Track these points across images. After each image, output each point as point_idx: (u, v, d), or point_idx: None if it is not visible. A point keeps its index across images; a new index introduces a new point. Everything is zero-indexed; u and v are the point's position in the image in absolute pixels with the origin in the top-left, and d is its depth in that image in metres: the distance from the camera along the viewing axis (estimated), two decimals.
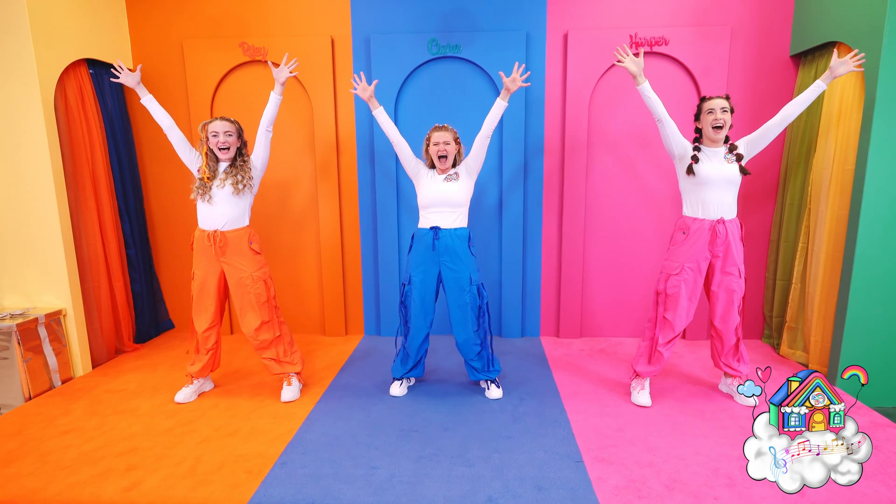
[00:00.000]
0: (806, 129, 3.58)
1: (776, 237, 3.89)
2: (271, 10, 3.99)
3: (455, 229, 3.04)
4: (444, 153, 3.01)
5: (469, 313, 3.07)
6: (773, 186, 3.91)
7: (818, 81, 2.78)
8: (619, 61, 2.95)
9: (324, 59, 3.96)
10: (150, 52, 4.10)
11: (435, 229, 3.03)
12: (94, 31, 3.72)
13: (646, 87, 2.95)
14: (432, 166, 3.13)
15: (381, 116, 3.12)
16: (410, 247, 3.14)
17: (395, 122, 4.03)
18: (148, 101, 3.06)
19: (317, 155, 4.10)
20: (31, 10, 3.22)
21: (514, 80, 3.00)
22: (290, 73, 3.07)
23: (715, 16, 3.79)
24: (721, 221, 2.89)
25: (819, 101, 3.46)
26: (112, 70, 3.12)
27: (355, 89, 3.14)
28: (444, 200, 3.01)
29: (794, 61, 3.79)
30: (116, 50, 3.94)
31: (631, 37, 3.78)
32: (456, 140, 3.08)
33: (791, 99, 3.71)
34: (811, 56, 3.61)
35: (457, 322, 3.11)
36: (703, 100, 2.95)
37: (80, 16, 3.61)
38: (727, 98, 2.89)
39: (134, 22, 4.07)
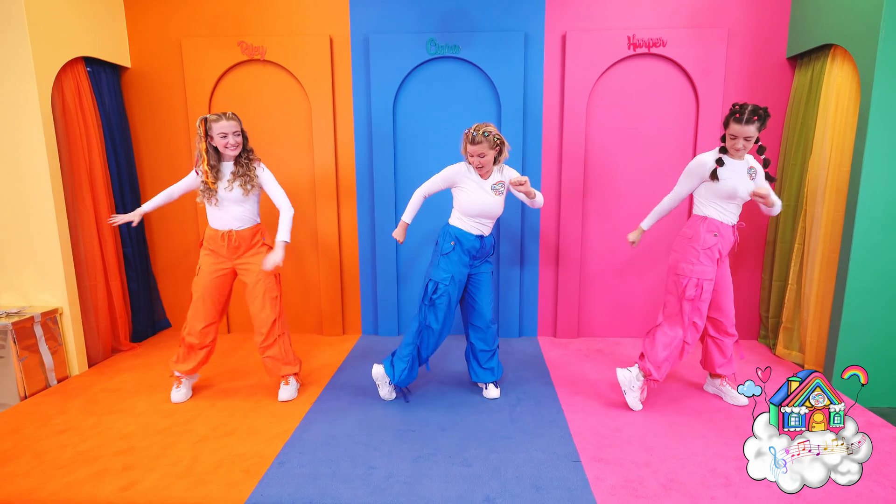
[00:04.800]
0: (802, 130, 3.60)
1: (772, 238, 3.91)
2: (270, 9, 3.99)
3: (492, 233, 3.12)
4: (481, 165, 2.91)
5: (493, 306, 3.23)
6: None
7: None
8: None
9: (322, 58, 3.96)
10: (148, 51, 4.08)
11: (482, 237, 3.04)
12: (91, 29, 3.71)
13: (649, 224, 3.18)
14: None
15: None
16: (452, 248, 2.99)
17: (394, 122, 4.03)
18: (148, 208, 3.17)
19: (315, 154, 4.09)
20: (28, 8, 3.20)
21: None
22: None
23: (712, 18, 3.80)
24: (736, 226, 2.92)
25: (815, 103, 3.48)
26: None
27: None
28: (493, 213, 3.01)
29: (790, 63, 3.81)
30: (114, 48, 3.93)
31: (629, 38, 3.79)
32: (493, 146, 2.86)
33: (787, 101, 3.77)
34: (807, 58, 3.63)
35: (486, 317, 3.14)
36: (733, 113, 2.70)
37: (77, 13, 3.59)
38: (761, 119, 2.65)
39: (132, 20, 4.05)
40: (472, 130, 2.86)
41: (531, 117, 4.01)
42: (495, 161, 2.95)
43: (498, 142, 2.88)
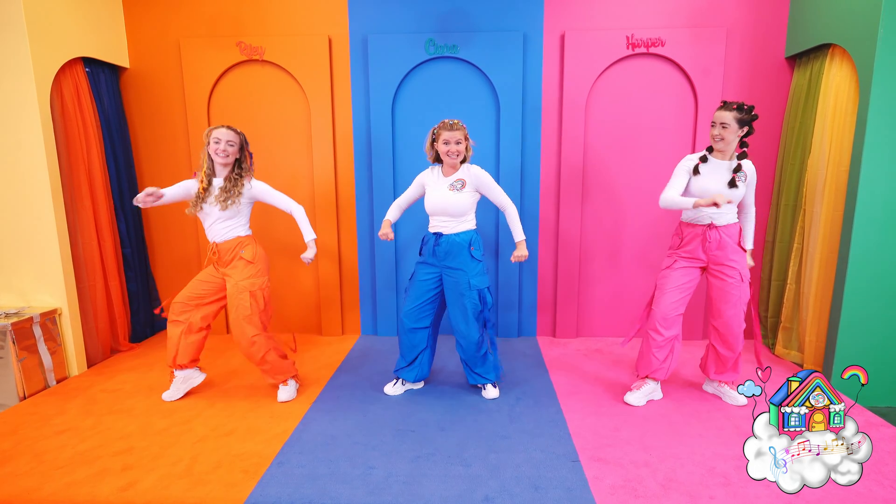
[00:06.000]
0: (801, 130, 3.60)
1: (771, 238, 3.91)
2: (268, 10, 3.99)
3: (457, 234, 2.99)
4: (454, 153, 2.94)
5: (470, 317, 3.02)
6: (769, 188, 3.93)
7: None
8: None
9: (321, 58, 3.96)
10: (147, 51, 4.08)
11: (437, 235, 3.02)
12: (90, 30, 3.71)
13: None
14: (436, 160, 3.07)
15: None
16: (421, 247, 3.15)
17: (392, 123, 4.03)
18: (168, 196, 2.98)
19: (314, 154, 4.09)
20: (27, 8, 3.20)
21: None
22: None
23: (711, 17, 3.81)
24: (712, 227, 2.90)
25: (814, 102, 3.48)
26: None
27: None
28: (445, 210, 2.97)
29: (789, 63, 3.81)
30: (113, 48, 3.93)
31: (627, 38, 3.80)
32: (466, 137, 2.97)
33: (786, 101, 3.77)
34: (806, 58, 3.63)
35: (456, 326, 3.09)
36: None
37: (76, 14, 3.59)
38: (740, 109, 2.76)
39: (130, 20, 4.05)
40: (445, 121, 2.94)
41: (530, 117, 4.01)
42: (463, 160, 3.02)
43: (467, 136, 3.00)
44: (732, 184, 2.84)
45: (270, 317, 3.14)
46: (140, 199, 2.79)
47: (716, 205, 2.59)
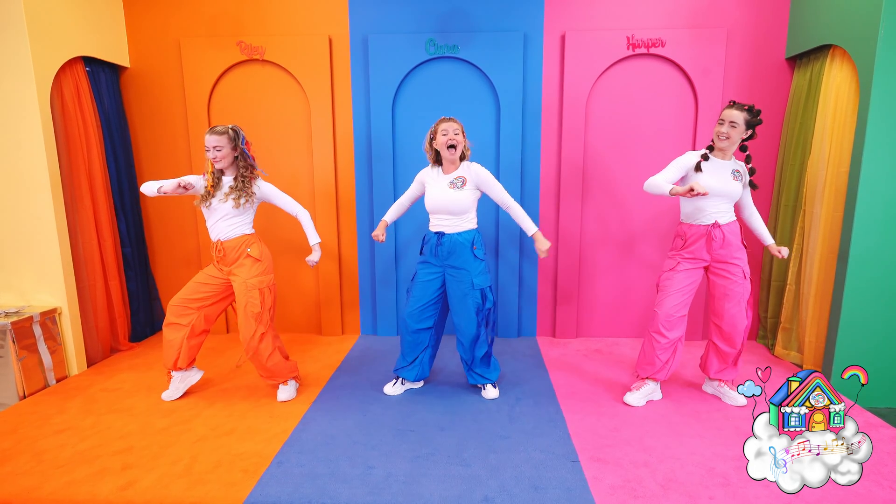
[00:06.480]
0: (801, 131, 3.60)
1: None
2: (269, 9, 3.99)
3: (459, 233, 2.99)
4: (453, 142, 2.91)
5: (472, 317, 3.02)
6: (769, 188, 3.93)
7: None
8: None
9: (321, 58, 3.96)
10: (147, 51, 4.08)
11: (439, 234, 3.02)
12: (90, 29, 3.71)
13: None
14: (436, 162, 3.08)
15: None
16: (422, 247, 3.15)
17: (393, 123, 4.03)
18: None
19: (314, 154, 4.09)
20: (27, 7, 3.20)
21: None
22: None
23: (711, 18, 3.81)
24: (716, 226, 2.90)
25: (814, 103, 3.48)
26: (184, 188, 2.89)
27: None
28: (446, 208, 2.97)
29: (789, 64, 3.81)
30: (113, 47, 3.93)
31: (628, 38, 3.80)
32: (462, 133, 2.97)
33: (786, 101, 3.77)
34: (806, 59, 3.63)
35: (458, 325, 3.09)
36: (726, 105, 2.88)
37: (76, 13, 3.59)
38: (749, 111, 2.79)
39: (131, 20, 4.05)
40: (443, 117, 2.99)
41: (530, 117, 4.01)
42: (462, 157, 3.02)
43: (464, 133, 3.01)
44: (753, 186, 2.96)
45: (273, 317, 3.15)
46: (170, 189, 2.82)
47: (691, 190, 2.62)
